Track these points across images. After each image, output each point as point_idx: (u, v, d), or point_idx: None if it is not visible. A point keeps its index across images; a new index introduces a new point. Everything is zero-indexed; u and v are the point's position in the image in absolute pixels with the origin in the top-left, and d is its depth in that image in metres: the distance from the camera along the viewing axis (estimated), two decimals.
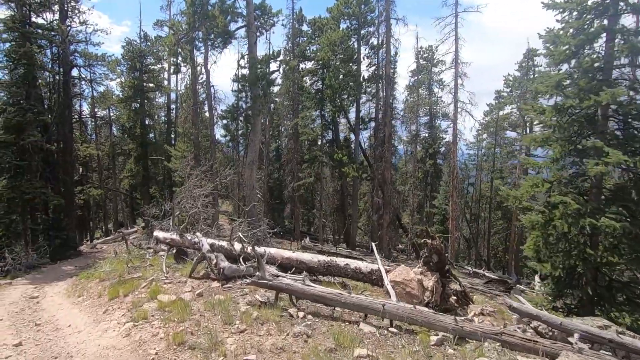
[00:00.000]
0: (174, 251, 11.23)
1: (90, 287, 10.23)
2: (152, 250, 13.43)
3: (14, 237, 18.45)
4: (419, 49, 31.92)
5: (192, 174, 13.25)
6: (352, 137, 29.00)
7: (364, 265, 8.87)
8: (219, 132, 23.67)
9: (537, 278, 20.96)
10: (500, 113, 32.35)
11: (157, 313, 6.43)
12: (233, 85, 19.10)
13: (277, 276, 8.29)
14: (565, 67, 9.94)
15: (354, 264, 8.93)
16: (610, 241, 8.70)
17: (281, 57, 15.62)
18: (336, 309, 6.39)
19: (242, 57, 14.80)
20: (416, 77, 33.64)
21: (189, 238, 10.47)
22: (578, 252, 8.94)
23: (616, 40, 8.87)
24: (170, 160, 23.60)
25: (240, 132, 19.53)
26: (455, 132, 26.89)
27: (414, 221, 30.21)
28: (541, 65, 31.93)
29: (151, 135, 29.10)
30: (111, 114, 30.76)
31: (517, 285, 15.41)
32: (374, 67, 21.53)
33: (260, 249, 9.58)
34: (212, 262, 8.53)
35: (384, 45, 19.31)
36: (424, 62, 33.87)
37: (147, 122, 28.06)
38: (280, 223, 25.76)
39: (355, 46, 21.42)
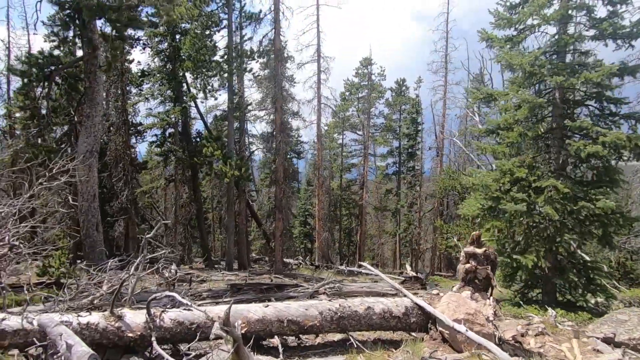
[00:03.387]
0: None
1: None
2: None
3: None
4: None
5: None
6: (197, 126, 23.63)
7: (394, 304, 5.48)
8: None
9: (408, 267, 22.19)
10: (346, 114, 33.90)
11: None
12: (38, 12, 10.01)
13: None
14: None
15: (377, 305, 5.40)
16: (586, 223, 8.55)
17: None
18: None
19: None
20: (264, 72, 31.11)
21: None
22: (560, 239, 8.47)
23: None
24: None
25: (53, 103, 11.16)
26: (319, 128, 25.95)
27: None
28: (375, 74, 35.45)
29: None
30: None
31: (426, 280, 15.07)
32: (251, 41, 17.51)
33: (197, 312, 4.67)
34: None
35: (270, 13, 15.78)
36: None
37: None
38: (107, 246, 17.94)
39: (223, 14, 16.82)
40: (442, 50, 29.28)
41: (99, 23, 10.05)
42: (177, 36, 17.62)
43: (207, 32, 17.02)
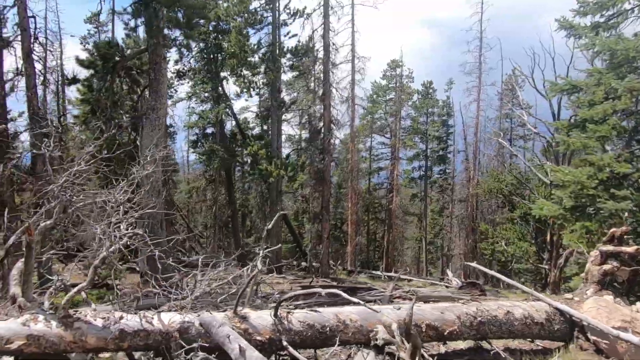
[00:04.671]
0: None
1: None
2: None
3: None
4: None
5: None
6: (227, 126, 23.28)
7: (533, 309, 4.85)
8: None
9: (449, 273, 21.30)
10: (374, 116, 33.34)
11: None
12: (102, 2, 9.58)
13: None
14: None
15: (516, 309, 4.78)
16: None
17: None
18: None
19: None
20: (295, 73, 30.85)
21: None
22: None
23: None
24: None
25: (114, 96, 10.82)
26: (353, 130, 25.42)
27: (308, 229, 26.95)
28: (403, 76, 34.81)
29: None
30: None
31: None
32: (295, 38, 17.16)
33: (326, 315, 4.16)
34: None
35: (320, 8, 15.36)
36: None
37: None
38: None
39: (266, 13, 16.52)
40: (475, 50, 28.56)
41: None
42: (218, 35, 17.41)
43: (249, 30, 16.77)
